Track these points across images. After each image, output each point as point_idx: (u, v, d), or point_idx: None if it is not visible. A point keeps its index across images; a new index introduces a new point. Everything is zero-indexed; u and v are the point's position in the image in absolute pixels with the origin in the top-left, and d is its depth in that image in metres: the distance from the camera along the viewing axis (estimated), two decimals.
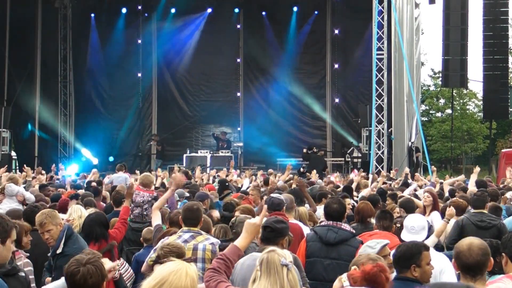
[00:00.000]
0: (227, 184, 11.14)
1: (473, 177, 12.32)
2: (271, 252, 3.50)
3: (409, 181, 14.00)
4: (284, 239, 4.88)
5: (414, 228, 5.55)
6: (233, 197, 9.66)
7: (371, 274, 3.42)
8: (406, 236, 5.53)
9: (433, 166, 14.42)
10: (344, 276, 3.47)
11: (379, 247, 4.75)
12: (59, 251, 4.88)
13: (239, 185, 13.69)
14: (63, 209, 7.83)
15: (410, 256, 4.40)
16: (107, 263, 3.67)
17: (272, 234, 4.87)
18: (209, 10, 26.79)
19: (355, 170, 20.07)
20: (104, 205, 10.18)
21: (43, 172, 15.99)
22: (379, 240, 5.01)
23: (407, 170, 16.67)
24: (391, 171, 17.34)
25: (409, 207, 7.84)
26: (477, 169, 12.90)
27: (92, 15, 26.81)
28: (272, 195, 7.27)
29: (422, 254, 4.43)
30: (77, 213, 7.07)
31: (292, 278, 3.44)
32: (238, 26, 27.80)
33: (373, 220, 7.03)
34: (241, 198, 9.40)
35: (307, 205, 8.47)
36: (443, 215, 8.42)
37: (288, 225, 5.02)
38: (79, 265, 3.45)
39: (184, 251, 5.27)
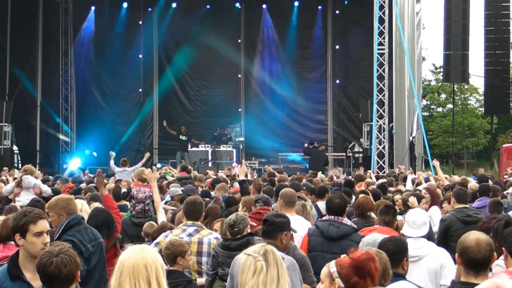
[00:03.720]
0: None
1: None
2: (268, 246, 3.52)
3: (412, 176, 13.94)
4: (283, 233, 4.87)
5: (415, 223, 5.55)
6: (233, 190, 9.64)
7: (359, 261, 3.30)
8: (408, 231, 5.52)
9: (434, 160, 14.29)
10: (332, 262, 3.38)
11: None
12: (55, 238, 4.90)
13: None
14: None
15: (405, 249, 4.46)
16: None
17: (271, 228, 4.87)
18: (210, 5, 26.71)
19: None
20: None
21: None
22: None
23: (410, 169, 16.71)
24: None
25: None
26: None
27: (93, 9, 26.74)
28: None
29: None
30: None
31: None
32: (239, 21, 27.75)
33: (373, 215, 7.03)
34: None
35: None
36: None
37: (288, 220, 5.01)
38: (51, 256, 3.38)
39: (182, 248, 5.24)
